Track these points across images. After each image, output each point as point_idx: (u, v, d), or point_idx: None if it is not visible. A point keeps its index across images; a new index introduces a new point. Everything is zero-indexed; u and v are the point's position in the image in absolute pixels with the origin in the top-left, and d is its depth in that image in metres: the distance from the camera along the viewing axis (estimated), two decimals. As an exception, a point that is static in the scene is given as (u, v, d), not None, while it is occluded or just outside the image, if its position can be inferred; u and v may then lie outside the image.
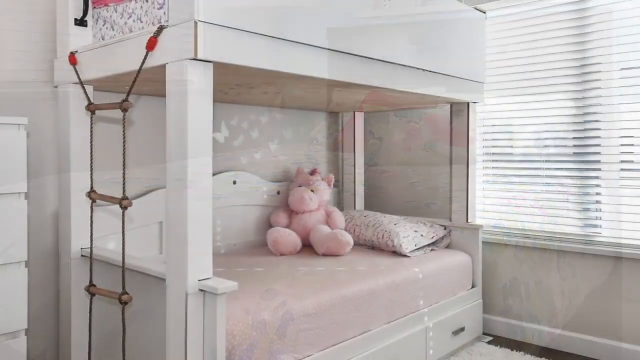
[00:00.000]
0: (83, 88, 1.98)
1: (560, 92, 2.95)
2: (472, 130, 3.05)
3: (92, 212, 1.91)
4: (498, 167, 3.20)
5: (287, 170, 3.36)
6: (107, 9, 1.99)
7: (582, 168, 2.88)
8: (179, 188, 1.60)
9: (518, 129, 3.11)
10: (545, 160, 3.01)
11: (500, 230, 3.16)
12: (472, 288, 3.03)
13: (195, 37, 1.53)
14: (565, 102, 2.93)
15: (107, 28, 1.99)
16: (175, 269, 1.62)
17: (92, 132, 1.94)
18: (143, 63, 1.67)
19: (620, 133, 2.75)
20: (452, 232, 3.13)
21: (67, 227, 2.11)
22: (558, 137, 2.96)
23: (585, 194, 2.87)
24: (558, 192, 2.96)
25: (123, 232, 1.73)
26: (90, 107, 1.91)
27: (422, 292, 2.59)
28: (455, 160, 3.09)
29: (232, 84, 2.18)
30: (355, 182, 3.62)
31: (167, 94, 1.63)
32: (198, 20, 1.54)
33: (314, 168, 3.32)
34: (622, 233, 2.75)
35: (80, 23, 2.06)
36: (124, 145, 1.73)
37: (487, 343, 3.03)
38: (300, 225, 2.98)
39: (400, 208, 3.66)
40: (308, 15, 1.88)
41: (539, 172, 3.03)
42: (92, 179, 1.92)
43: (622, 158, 2.75)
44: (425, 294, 2.62)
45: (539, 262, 3.01)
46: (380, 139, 3.77)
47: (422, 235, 2.93)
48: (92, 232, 1.91)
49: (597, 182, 2.83)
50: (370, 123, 3.82)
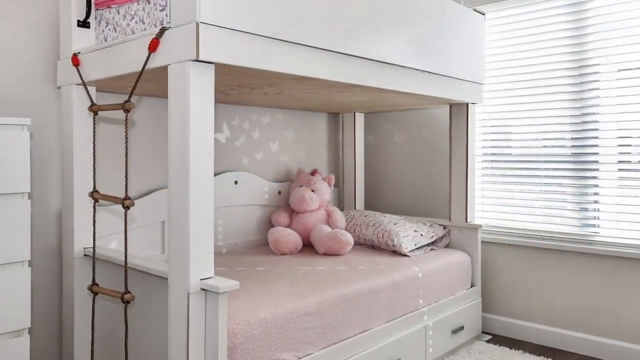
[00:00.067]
0: (86, 89, 1.99)
1: (559, 92, 2.95)
2: (471, 131, 3.05)
3: (94, 212, 1.91)
4: (497, 167, 3.20)
5: (288, 171, 3.36)
6: (109, 11, 1.99)
7: (580, 168, 2.88)
8: (181, 188, 1.60)
9: (517, 130, 3.11)
10: (544, 161, 3.01)
11: (500, 230, 3.16)
12: (471, 287, 3.02)
13: (197, 38, 1.53)
14: (564, 102, 2.93)
15: (109, 29, 1.99)
16: (177, 268, 1.62)
17: (94, 132, 1.95)
18: (145, 64, 1.67)
19: (619, 134, 2.75)
20: (451, 231, 3.13)
21: (70, 226, 2.11)
22: (556, 137, 2.96)
23: (584, 194, 2.87)
24: (557, 192, 2.96)
25: (125, 231, 1.74)
26: (93, 107, 1.91)
27: (421, 291, 2.59)
28: (455, 161, 3.09)
29: (233, 85, 2.18)
30: (356, 182, 3.62)
31: (169, 95, 1.63)
32: (200, 22, 1.54)
33: (315, 168, 3.32)
34: (620, 233, 2.75)
35: (83, 24, 2.06)
36: (126, 146, 1.73)
37: (486, 342, 3.03)
38: (301, 225, 2.98)
39: (400, 208, 3.66)
40: (309, 17, 1.88)
41: (538, 172, 3.03)
42: (94, 179, 1.93)
43: (620, 158, 2.75)
44: (425, 293, 2.62)
45: (538, 261, 3.01)
46: (381, 140, 3.77)
47: (421, 235, 2.93)
48: (94, 231, 1.91)
49: (595, 182, 2.83)
50: (371, 123, 3.82)
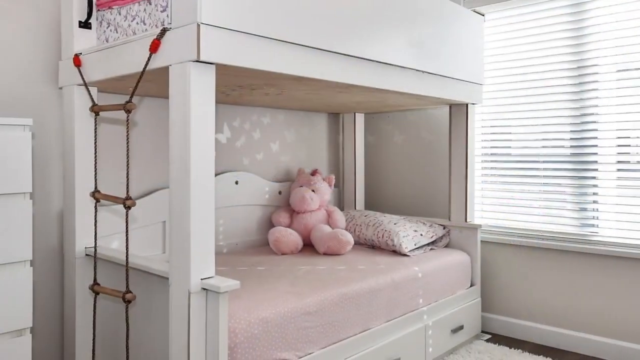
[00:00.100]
0: (87, 89, 1.99)
1: (558, 93, 2.95)
2: (470, 131, 3.05)
3: (96, 211, 1.91)
4: (496, 167, 3.19)
5: (288, 171, 3.36)
6: (111, 12, 1.99)
7: (579, 168, 2.88)
8: (182, 188, 1.60)
9: (516, 130, 3.11)
10: (544, 161, 3.01)
11: (499, 230, 3.16)
12: (470, 287, 3.02)
13: (198, 39, 1.53)
14: (563, 103, 2.93)
15: (111, 30, 1.99)
16: (178, 268, 1.62)
17: (96, 133, 1.95)
18: (146, 65, 1.67)
19: (617, 134, 2.75)
20: (451, 231, 3.13)
21: (71, 226, 2.11)
22: (556, 137, 2.96)
23: (583, 194, 2.87)
24: (556, 192, 2.96)
25: (127, 231, 1.74)
26: (95, 108, 1.91)
27: (421, 290, 2.59)
28: (455, 161, 3.09)
29: (234, 86, 2.18)
30: (356, 182, 3.62)
31: (170, 96, 1.63)
32: (200, 23, 1.53)
33: (315, 169, 3.32)
34: (619, 232, 2.75)
35: (85, 25, 2.06)
36: (128, 146, 1.73)
37: (485, 341, 3.03)
38: (302, 225, 2.98)
39: (400, 208, 3.66)
40: (309, 18, 1.88)
41: (537, 172, 3.03)
42: (96, 179, 1.93)
43: (619, 159, 2.75)
44: (425, 293, 2.62)
45: (537, 261, 3.01)
46: (381, 140, 3.77)
47: (421, 235, 2.93)
48: (96, 231, 1.91)
49: (594, 182, 2.83)
50: (371, 124, 3.82)
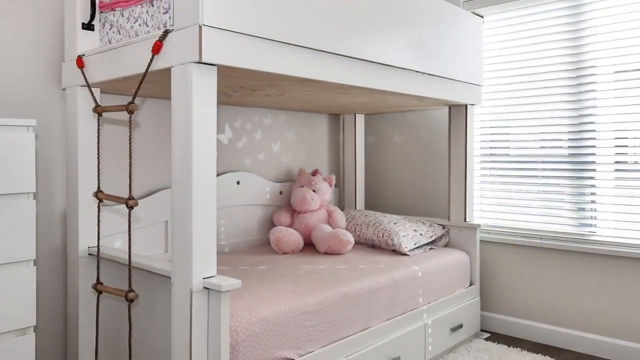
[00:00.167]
0: (90, 90, 1.98)
1: (556, 94, 2.94)
2: (470, 132, 3.05)
3: (99, 211, 1.91)
4: (495, 167, 3.19)
5: (289, 171, 3.36)
6: (113, 14, 1.98)
7: (577, 169, 2.87)
8: (184, 188, 1.60)
9: (515, 130, 3.11)
10: (542, 161, 3.00)
11: (498, 230, 3.16)
12: (470, 286, 3.02)
13: (200, 40, 1.53)
14: (561, 104, 2.93)
15: (113, 32, 1.99)
16: (181, 267, 1.62)
17: (99, 133, 1.95)
18: (149, 66, 1.67)
19: (615, 134, 2.75)
20: (450, 231, 3.13)
21: (74, 226, 2.11)
22: (554, 138, 2.95)
23: (581, 194, 2.86)
24: (554, 192, 2.96)
25: (129, 231, 1.73)
26: (98, 109, 1.91)
27: (421, 289, 2.59)
28: (454, 161, 3.08)
29: (235, 87, 2.18)
30: (356, 182, 3.62)
31: (172, 97, 1.63)
32: (202, 25, 1.53)
33: (316, 169, 3.32)
34: (616, 232, 2.75)
35: (88, 27, 2.06)
36: (130, 147, 1.73)
37: (484, 339, 3.02)
38: (303, 225, 2.97)
39: (400, 208, 3.65)
40: (310, 20, 1.88)
41: (536, 172, 3.02)
42: (99, 179, 1.93)
43: (616, 159, 2.74)
44: (425, 292, 2.61)
45: (536, 260, 3.01)
46: (381, 141, 3.76)
47: (421, 235, 2.92)
48: (99, 231, 1.91)
49: (592, 182, 2.82)
50: (371, 124, 3.82)
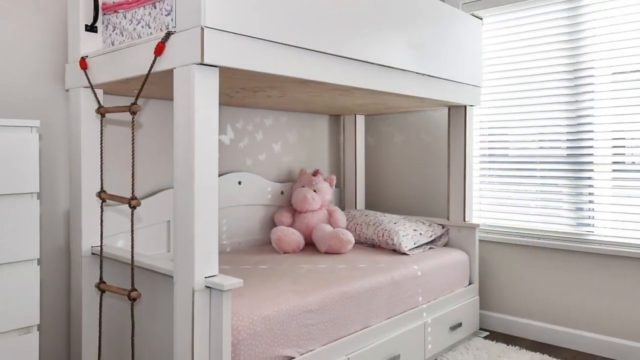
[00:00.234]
0: (93, 92, 1.98)
1: (555, 95, 2.94)
2: (469, 132, 3.04)
3: (102, 211, 1.90)
4: (494, 167, 3.19)
5: (290, 171, 3.35)
6: (116, 16, 1.98)
7: (575, 169, 2.87)
8: (186, 189, 1.60)
9: (513, 131, 3.10)
10: (540, 162, 3.00)
11: (497, 229, 3.15)
12: (469, 285, 3.02)
13: (202, 42, 1.52)
14: (559, 105, 2.92)
15: (116, 34, 1.99)
16: (183, 267, 1.62)
17: (102, 134, 1.94)
18: (151, 68, 1.66)
19: (612, 135, 2.74)
20: (450, 230, 3.12)
21: (77, 226, 2.11)
22: (552, 138, 2.95)
23: (579, 194, 2.86)
24: (552, 192, 2.95)
25: (132, 230, 1.73)
26: (101, 110, 1.90)
27: (421, 288, 2.58)
28: (453, 161, 3.08)
29: (237, 88, 2.17)
30: (356, 182, 3.61)
31: (174, 98, 1.63)
32: (204, 26, 1.53)
33: (317, 169, 3.32)
34: (614, 232, 2.74)
35: (91, 29, 2.06)
36: (133, 147, 1.73)
37: (483, 338, 3.02)
38: (303, 224, 2.97)
39: (400, 207, 3.65)
40: (311, 22, 1.87)
41: (534, 172, 3.02)
42: (102, 180, 1.92)
43: (614, 159, 2.74)
44: (424, 291, 2.61)
45: (534, 260, 3.00)
46: (381, 141, 3.76)
47: (421, 234, 2.92)
48: (102, 231, 1.91)
49: (590, 182, 2.82)
50: (371, 125, 3.82)
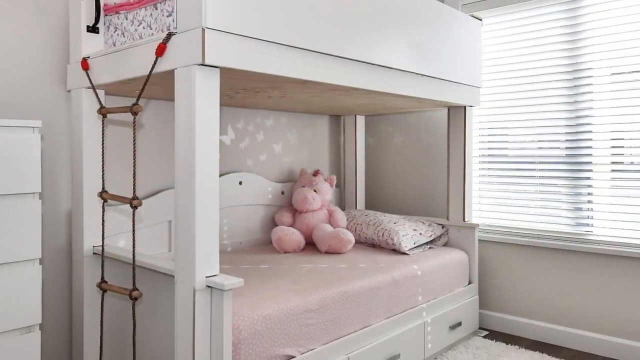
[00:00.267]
0: (95, 92, 1.98)
1: (554, 95, 2.94)
2: (468, 133, 3.04)
3: (103, 211, 1.90)
4: (494, 168, 3.18)
5: (291, 171, 3.35)
6: (118, 17, 1.98)
7: (574, 169, 2.87)
8: (187, 189, 1.59)
9: (513, 132, 3.10)
10: (539, 162, 3.00)
11: (496, 229, 3.15)
12: (468, 284, 3.01)
13: (203, 43, 1.52)
14: (559, 105, 2.92)
15: (118, 35, 1.99)
16: (184, 266, 1.62)
17: (103, 134, 1.94)
18: (152, 68, 1.66)
19: (611, 135, 2.74)
20: (449, 230, 3.12)
21: (79, 226, 2.11)
22: (551, 139, 2.95)
23: (578, 194, 2.86)
24: (551, 192, 2.95)
25: (133, 230, 1.73)
26: (102, 110, 1.90)
27: (420, 288, 2.58)
28: (453, 162, 3.08)
29: (238, 89, 2.17)
30: (357, 182, 3.61)
31: (175, 99, 1.62)
32: (205, 27, 1.53)
33: (317, 169, 3.32)
34: (612, 232, 2.74)
35: (92, 30, 2.06)
36: (134, 147, 1.73)
37: (483, 337, 3.02)
38: (304, 224, 2.97)
39: (400, 207, 3.65)
40: (312, 23, 1.87)
41: (533, 172, 3.02)
42: (103, 180, 1.92)
43: (612, 160, 2.74)
44: (424, 290, 2.61)
45: (533, 259, 3.00)
46: (381, 142, 3.76)
47: (420, 234, 2.92)
48: (103, 230, 1.91)
49: (588, 182, 2.82)
50: (371, 126, 3.81)
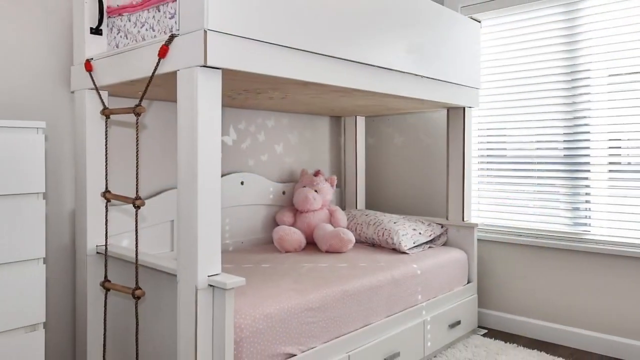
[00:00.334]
0: (98, 93, 1.98)
1: (552, 97, 2.93)
2: (467, 133, 3.04)
3: (107, 211, 1.90)
4: (492, 168, 3.18)
5: (292, 172, 3.35)
6: (121, 19, 1.98)
7: (572, 169, 2.86)
8: (190, 189, 1.59)
9: (511, 132, 3.10)
10: (538, 162, 2.99)
11: (495, 229, 3.15)
12: (467, 283, 3.01)
13: (205, 45, 1.52)
14: (556, 106, 2.92)
15: (121, 36, 1.99)
16: (186, 266, 1.61)
17: (107, 135, 1.94)
18: (155, 70, 1.66)
19: (609, 136, 2.74)
20: (449, 230, 3.12)
21: (83, 225, 2.11)
22: (549, 139, 2.95)
23: (575, 194, 2.85)
24: (549, 192, 2.95)
25: (136, 230, 1.73)
26: (105, 111, 1.90)
27: (420, 287, 2.58)
28: (452, 162, 3.07)
29: (240, 90, 2.17)
30: (357, 182, 3.61)
31: (178, 100, 1.62)
32: (207, 29, 1.53)
33: (318, 169, 3.31)
34: (610, 231, 2.74)
35: (96, 32, 2.06)
36: (137, 148, 1.72)
37: (482, 336, 3.01)
38: (305, 224, 2.97)
39: (400, 207, 3.64)
40: (313, 25, 1.87)
41: (532, 173, 3.02)
42: (106, 180, 1.92)
43: (610, 160, 2.74)
44: (423, 289, 2.61)
45: (532, 259, 3.00)
46: (381, 142, 3.76)
47: (420, 234, 2.92)
48: (106, 230, 1.91)
49: (586, 182, 2.81)
50: (371, 127, 3.81)
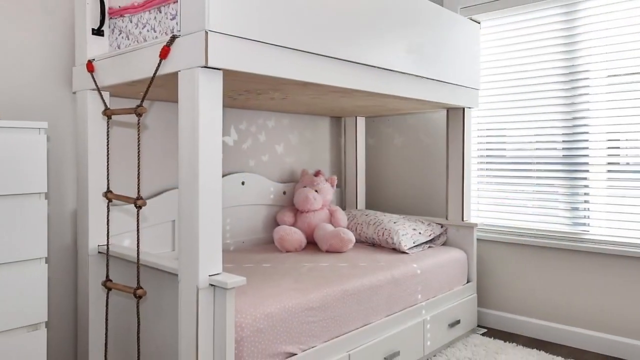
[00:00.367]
0: (100, 94, 1.98)
1: (551, 97, 2.93)
2: (467, 134, 3.04)
3: (108, 211, 1.90)
4: (492, 168, 3.18)
5: (292, 172, 3.35)
6: (122, 20, 1.98)
7: (571, 169, 2.86)
8: (191, 189, 1.59)
9: (511, 133, 3.10)
10: (537, 162, 2.99)
11: (494, 229, 3.14)
12: (467, 283, 3.01)
13: (206, 46, 1.52)
14: (556, 107, 2.92)
15: (122, 37, 1.99)
16: (187, 265, 1.61)
17: (108, 135, 1.94)
18: (156, 71, 1.66)
19: (608, 136, 2.74)
20: (448, 230, 3.12)
21: (84, 225, 2.11)
22: (549, 140, 2.94)
23: (574, 194, 2.85)
24: (548, 192, 2.95)
25: (138, 230, 1.73)
26: (107, 112, 1.90)
27: (420, 286, 2.58)
28: (452, 162, 3.07)
29: (240, 90, 2.17)
30: (357, 182, 3.61)
31: (179, 100, 1.62)
32: (208, 30, 1.53)
33: (318, 170, 3.31)
34: (608, 231, 2.74)
35: (98, 33, 2.06)
36: (139, 148, 1.72)
37: (481, 335, 3.01)
38: (305, 224, 2.97)
39: (400, 207, 3.64)
40: (313, 25, 1.87)
41: (531, 173, 3.01)
42: (108, 180, 1.92)
43: (609, 160, 2.73)
44: (423, 289, 2.60)
45: (531, 258, 2.99)
46: (381, 142, 3.75)
47: (420, 233, 2.91)
48: (108, 230, 1.91)
49: (585, 182, 2.81)
50: (371, 127, 3.81)
